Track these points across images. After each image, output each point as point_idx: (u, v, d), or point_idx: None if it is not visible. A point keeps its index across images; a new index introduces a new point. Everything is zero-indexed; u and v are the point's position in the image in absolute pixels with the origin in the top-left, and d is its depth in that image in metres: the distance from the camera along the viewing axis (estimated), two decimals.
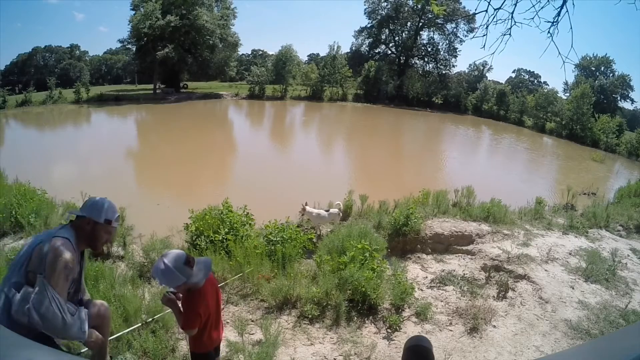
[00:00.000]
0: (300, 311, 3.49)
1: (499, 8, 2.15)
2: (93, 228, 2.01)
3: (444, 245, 5.42)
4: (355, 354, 3.08)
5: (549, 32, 2.18)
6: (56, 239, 1.86)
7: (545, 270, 4.76)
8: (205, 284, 1.94)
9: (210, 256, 3.97)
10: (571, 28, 2.14)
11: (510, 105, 34.82)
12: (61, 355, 1.13)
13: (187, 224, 4.88)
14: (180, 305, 1.99)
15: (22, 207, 4.97)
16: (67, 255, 1.84)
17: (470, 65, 48.15)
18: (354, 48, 43.37)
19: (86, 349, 2.45)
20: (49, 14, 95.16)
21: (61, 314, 1.77)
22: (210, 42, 31.40)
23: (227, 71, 39.35)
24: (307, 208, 5.77)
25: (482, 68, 44.20)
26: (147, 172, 11.29)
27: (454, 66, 42.17)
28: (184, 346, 2.88)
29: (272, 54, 40.53)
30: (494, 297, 4.14)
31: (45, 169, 9.95)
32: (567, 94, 34.67)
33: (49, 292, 1.75)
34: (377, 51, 42.91)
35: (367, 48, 43.01)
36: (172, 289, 2.05)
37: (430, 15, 38.07)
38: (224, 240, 4.38)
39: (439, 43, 41.62)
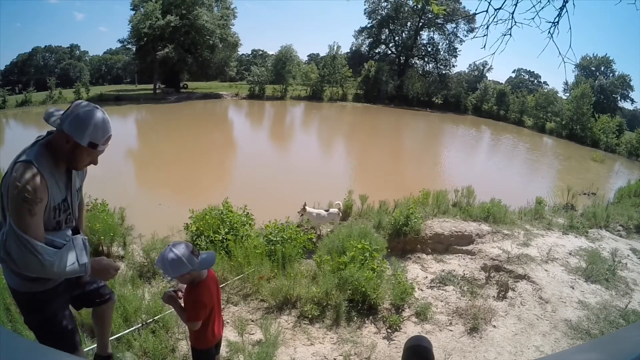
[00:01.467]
0: (300, 311, 3.49)
1: (500, 8, 2.15)
2: (73, 148, 1.61)
3: (444, 245, 5.42)
4: (355, 354, 3.08)
5: (549, 32, 2.18)
6: (16, 165, 1.52)
7: (545, 270, 4.77)
8: (207, 276, 1.98)
9: None
10: (570, 28, 2.15)
11: (510, 105, 34.84)
12: (63, 356, 1.13)
13: (187, 224, 4.88)
14: (181, 302, 2.00)
15: None
16: (26, 185, 1.49)
17: (470, 65, 48.31)
18: (354, 48, 43.42)
19: (93, 346, 2.45)
20: (49, 14, 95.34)
21: (34, 255, 1.47)
22: (210, 42, 31.39)
23: (227, 71, 39.37)
24: (307, 208, 5.76)
25: (482, 68, 44.33)
26: (147, 172, 11.29)
27: (454, 66, 42.29)
28: (184, 346, 2.88)
29: (272, 54, 40.58)
30: (494, 297, 4.14)
31: None
32: (567, 94, 34.70)
33: (15, 233, 1.47)
34: (377, 51, 42.93)
35: (367, 48, 43.04)
36: (171, 288, 2.07)
37: (430, 15, 38.11)
38: (224, 240, 4.38)
39: (439, 43, 41.73)
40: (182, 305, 2.00)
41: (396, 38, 42.44)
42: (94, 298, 2.15)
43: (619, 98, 42.28)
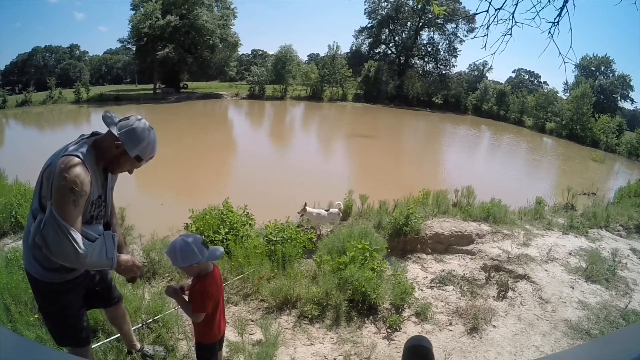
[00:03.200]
0: (300, 311, 3.49)
1: (500, 8, 2.15)
2: (120, 154, 1.72)
3: (444, 245, 5.42)
4: (355, 354, 3.08)
5: (549, 32, 2.18)
6: (64, 158, 1.59)
7: (545, 270, 4.76)
8: (213, 268, 2.02)
9: None
10: (571, 28, 2.14)
11: (510, 105, 34.86)
12: (64, 356, 1.13)
13: (187, 223, 4.88)
14: (185, 297, 2.02)
15: (22, 207, 4.97)
16: (75, 177, 1.56)
17: (470, 65, 48.38)
18: (354, 48, 43.48)
19: (110, 338, 2.49)
20: (49, 14, 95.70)
21: (72, 243, 1.55)
22: (210, 42, 31.44)
23: (227, 71, 39.47)
24: (307, 208, 5.76)
25: (482, 68, 44.42)
26: (147, 172, 11.21)
27: (454, 66, 42.35)
28: (183, 346, 2.88)
29: (272, 54, 40.60)
30: (494, 297, 4.14)
31: None
32: (567, 94, 34.70)
33: (56, 221, 1.53)
34: (377, 51, 42.96)
35: (367, 48, 43.08)
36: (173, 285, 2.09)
37: (430, 15, 38.13)
38: (224, 240, 4.38)
39: (439, 43, 41.79)
40: (186, 298, 2.01)
41: (396, 38, 42.46)
42: (104, 298, 2.21)
43: (619, 98, 42.36)
